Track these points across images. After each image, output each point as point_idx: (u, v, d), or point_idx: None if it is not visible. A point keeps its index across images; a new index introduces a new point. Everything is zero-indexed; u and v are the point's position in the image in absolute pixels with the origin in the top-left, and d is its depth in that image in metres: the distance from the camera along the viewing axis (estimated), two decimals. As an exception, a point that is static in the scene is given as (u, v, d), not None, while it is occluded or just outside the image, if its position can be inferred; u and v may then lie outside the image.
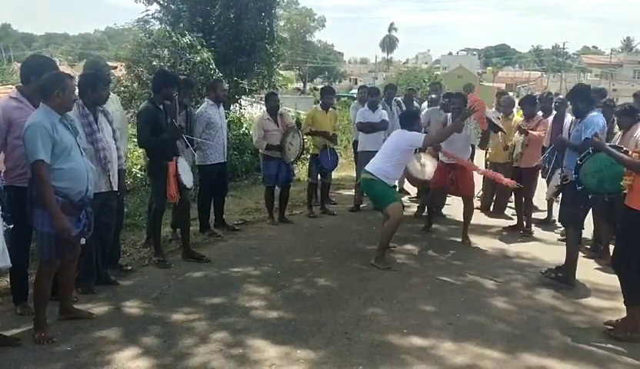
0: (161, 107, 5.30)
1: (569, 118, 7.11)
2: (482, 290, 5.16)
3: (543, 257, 6.15)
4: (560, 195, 5.73)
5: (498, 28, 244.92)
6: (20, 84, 4.19)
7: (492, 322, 4.39)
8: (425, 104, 9.23)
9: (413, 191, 8.88)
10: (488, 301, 4.84)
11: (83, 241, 4.02)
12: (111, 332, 3.98)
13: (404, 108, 8.71)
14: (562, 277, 5.23)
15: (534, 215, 7.61)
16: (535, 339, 4.11)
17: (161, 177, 5.29)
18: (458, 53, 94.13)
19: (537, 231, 7.30)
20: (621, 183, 4.19)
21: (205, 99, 6.71)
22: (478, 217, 7.81)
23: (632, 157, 4.15)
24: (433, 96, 8.92)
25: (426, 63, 78.00)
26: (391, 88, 9.22)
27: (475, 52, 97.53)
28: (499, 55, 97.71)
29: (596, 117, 5.18)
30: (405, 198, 9.08)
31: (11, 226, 3.61)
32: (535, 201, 7.62)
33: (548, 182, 6.49)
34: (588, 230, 6.17)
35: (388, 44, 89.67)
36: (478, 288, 5.18)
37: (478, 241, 6.75)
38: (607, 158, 4.48)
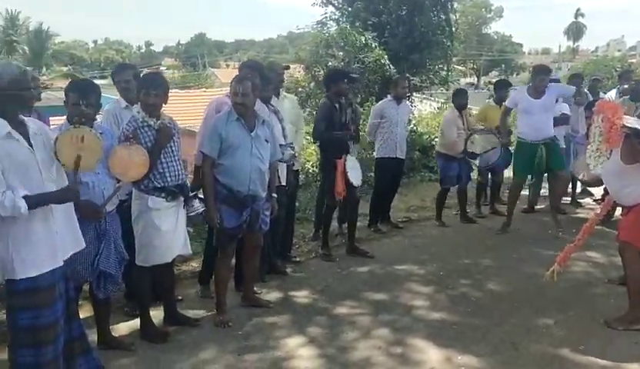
0: (337, 105, 5.50)
1: None
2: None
3: None
4: None
5: None
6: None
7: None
8: (612, 93, 8.23)
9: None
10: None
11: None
12: (280, 319, 4.22)
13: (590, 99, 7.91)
14: None
15: None
16: None
17: (332, 174, 5.48)
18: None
19: None
20: None
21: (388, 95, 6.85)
22: None
23: None
24: (625, 86, 7.93)
25: (619, 50, 69.86)
26: (577, 77, 8.34)
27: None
28: None
29: None
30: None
31: (202, 210, 3.93)
32: None
33: None
34: None
35: (575, 31, 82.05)
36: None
37: None
38: None
